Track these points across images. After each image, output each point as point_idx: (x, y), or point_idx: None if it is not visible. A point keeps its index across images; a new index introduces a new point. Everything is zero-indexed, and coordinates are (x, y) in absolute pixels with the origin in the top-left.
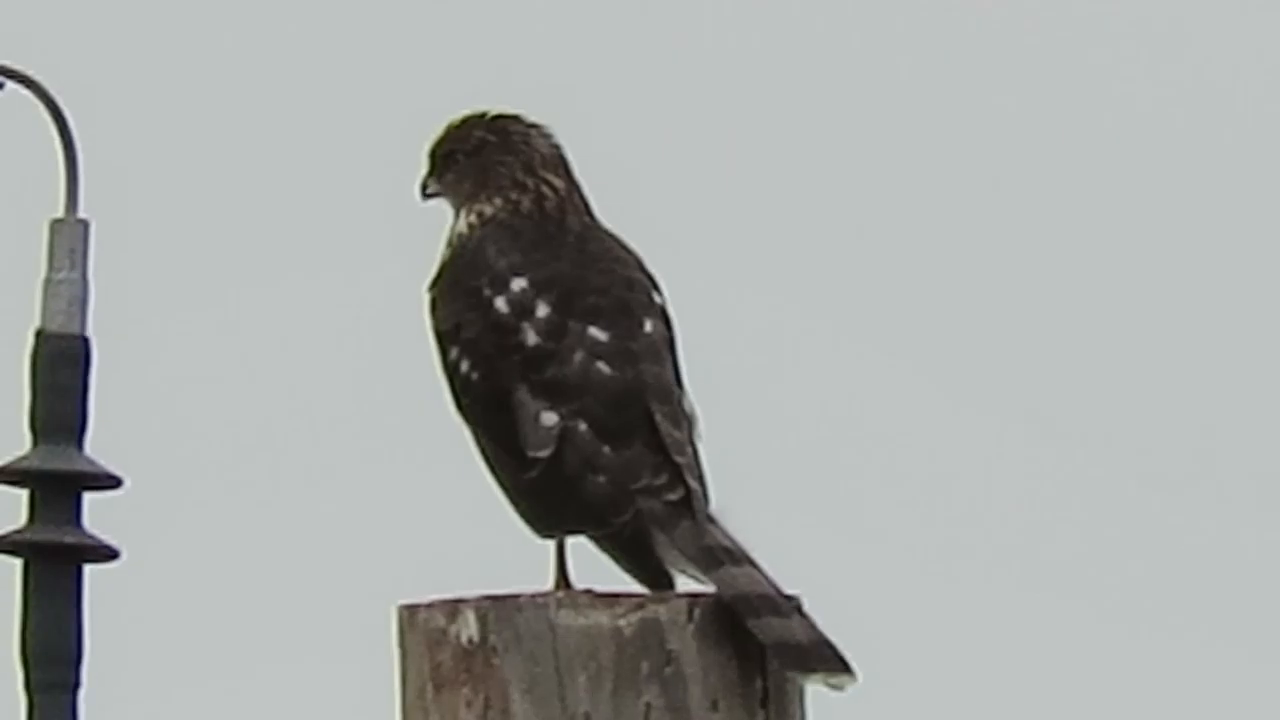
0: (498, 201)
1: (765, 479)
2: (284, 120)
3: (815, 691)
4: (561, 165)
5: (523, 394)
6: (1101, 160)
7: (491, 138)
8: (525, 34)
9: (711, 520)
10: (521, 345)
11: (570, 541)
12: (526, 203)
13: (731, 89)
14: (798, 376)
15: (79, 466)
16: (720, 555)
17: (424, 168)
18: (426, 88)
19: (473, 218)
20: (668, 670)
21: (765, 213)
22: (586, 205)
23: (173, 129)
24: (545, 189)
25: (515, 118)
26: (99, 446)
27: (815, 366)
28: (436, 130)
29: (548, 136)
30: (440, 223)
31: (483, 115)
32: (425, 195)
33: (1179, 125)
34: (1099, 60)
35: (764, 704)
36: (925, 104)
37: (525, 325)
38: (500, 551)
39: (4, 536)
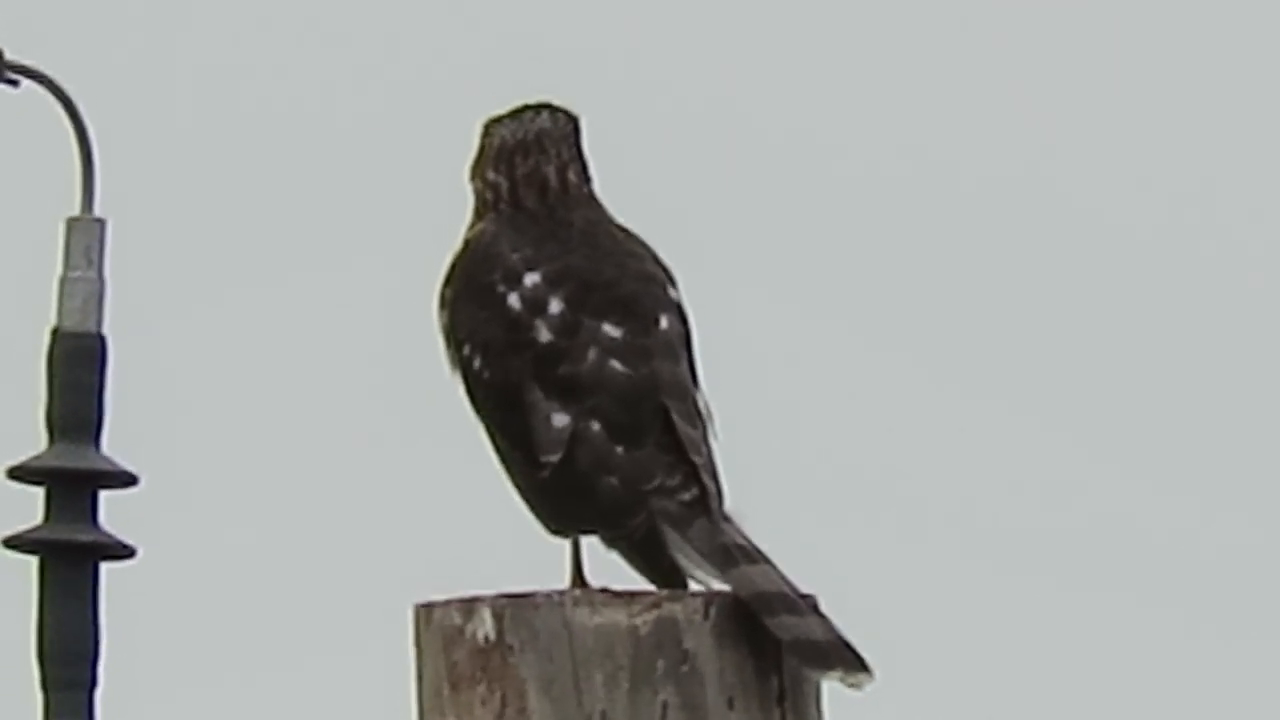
0: (479, 207)
1: (780, 479)
2: (300, 115)
3: (832, 690)
4: (521, 152)
5: (535, 393)
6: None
7: (478, 141)
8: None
9: (727, 519)
10: (534, 342)
11: (585, 540)
12: (502, 204)
13: (744, 82)
14: (813, 375)
15: (95, 464)
16: (736, 554)
17: None
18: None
19: (474, 224)
20: (684, 668)
21: (782, 210)
22: (586, 193)
23: (189, 126)
24: (501, 185)
25: (504, 116)
26: (115, 444)
27: (831, 365)
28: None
29: (518, 124)
30: (456, 218)
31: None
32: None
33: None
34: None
35: (780, 702)
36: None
37: (538, 322)
38: (516, 549)
39: (20, 535)
